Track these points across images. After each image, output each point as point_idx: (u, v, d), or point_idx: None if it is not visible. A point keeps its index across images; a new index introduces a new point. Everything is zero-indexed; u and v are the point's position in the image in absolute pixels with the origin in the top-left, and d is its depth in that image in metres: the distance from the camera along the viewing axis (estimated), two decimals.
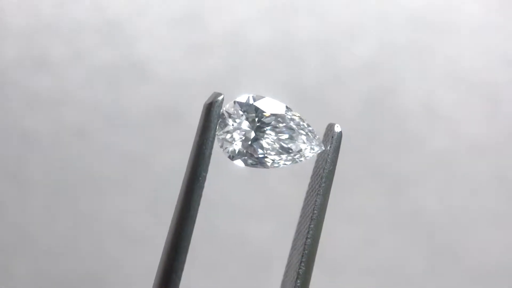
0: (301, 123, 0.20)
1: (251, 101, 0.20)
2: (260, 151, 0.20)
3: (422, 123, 0.50)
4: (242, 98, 0.20)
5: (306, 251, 0.19)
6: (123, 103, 0.53)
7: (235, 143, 0.20)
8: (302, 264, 0.19)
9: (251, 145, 0.20)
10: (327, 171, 0.20)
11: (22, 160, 0.54)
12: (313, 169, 0.21)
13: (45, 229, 0.53)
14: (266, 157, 0.20)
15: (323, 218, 0.20)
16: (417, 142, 0.50)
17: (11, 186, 0.53)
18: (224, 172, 0.51)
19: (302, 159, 0.20)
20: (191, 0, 0.53)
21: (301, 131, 0.20)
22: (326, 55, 0.51)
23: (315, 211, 0.19)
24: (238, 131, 0.20)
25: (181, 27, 0.53)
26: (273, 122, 0.20)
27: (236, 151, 0.20)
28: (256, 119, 0.20)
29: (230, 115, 0.20)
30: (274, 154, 0.20)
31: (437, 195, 0.50)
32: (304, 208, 0.20)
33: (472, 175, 0.50)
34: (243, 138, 0.20)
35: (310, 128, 0.20)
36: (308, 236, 0.19)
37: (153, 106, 0.53)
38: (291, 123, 0.20)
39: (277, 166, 0.20)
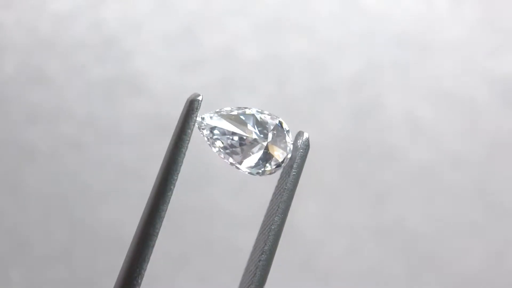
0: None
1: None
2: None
3: (405, 137, 0.52)
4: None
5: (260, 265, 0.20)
6: (118, 117, 0.54)
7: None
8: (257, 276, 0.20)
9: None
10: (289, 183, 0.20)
11: (19, 171, 0.54)
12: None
13: (41, 238, 0.54)
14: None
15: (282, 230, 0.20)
16: (400, 155, 0.52)
17: (8, 196, 0.54)
18: (215, 181, 0.53)
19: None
20: (185, 18, 0.54)
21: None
22: (313, 71, 0.53)
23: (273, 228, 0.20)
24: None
25: (175, 43, 0.54)
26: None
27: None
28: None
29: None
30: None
31: (418, 206, 0.52)
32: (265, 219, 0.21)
33: (452, 187, 0.52)
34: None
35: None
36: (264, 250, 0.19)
37: (148, 119, 0.54)
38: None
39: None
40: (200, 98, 0.19)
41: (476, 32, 0.52)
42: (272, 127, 0.20)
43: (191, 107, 0.19)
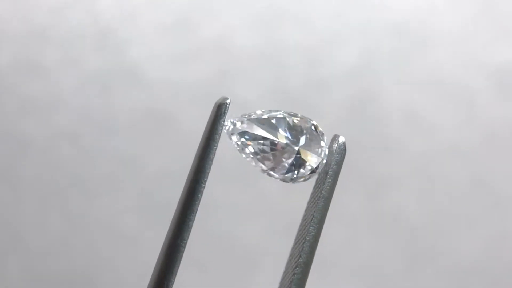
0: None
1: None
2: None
3: (402, 128, 0.52)
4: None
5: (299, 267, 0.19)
6: (114, 108, 0.54)
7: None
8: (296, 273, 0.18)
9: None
10: (325, 188, 0.19)
11: (15, 162, 0.55)
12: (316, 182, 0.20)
13: (37, 230, 0.54)
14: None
15: (320, 233, 0.19)
16: (398, 146, 0.52)
17: (4, 188, 0.54)
18: (213, 173, 0.53)
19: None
20: (181, 8, 0.54)
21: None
22: (310, 62, 0.53)
23: (311, 229, 0.19)
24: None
25: (172, 33, 0.54)
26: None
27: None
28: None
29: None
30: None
31: (416, 197, 0.52)
32: (303, 220, 0.20)
33: (449, 178, 0.52)
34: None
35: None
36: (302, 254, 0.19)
37: (144, 110, 0.54)
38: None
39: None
40: (228, 101, 0.18)
41: (474, 22, 0.52)
42: (304, 131, 0.19)
43: (219, 111, 0.18)
